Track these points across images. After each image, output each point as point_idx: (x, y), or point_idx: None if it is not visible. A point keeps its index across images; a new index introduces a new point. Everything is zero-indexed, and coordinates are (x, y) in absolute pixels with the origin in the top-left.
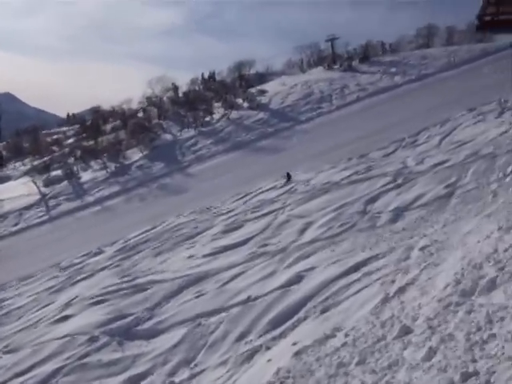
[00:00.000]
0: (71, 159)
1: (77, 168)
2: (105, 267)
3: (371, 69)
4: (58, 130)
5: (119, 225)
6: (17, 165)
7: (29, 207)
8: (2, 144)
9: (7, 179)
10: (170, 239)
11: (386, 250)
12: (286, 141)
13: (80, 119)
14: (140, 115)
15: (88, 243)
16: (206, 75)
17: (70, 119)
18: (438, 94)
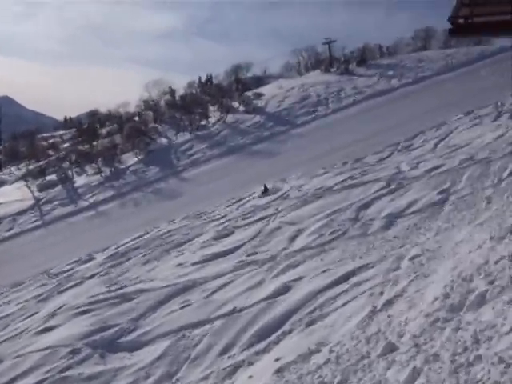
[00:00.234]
0: (66, 163)
1: (71, 172)
2: (94, 275)
3: (368, 72)
4: (55, 133)
5: (112, 230)
6: (12, 169)
7: (22, 212)
8: None
9: (2, 184)
10: (160, 246)
11: (377, 260)
12: (282, 144)
13: (77, 123)
14: (136, 119)
15: (80, 249)
16: (204, 79)
17: (66, 123)
18: (434, 96)
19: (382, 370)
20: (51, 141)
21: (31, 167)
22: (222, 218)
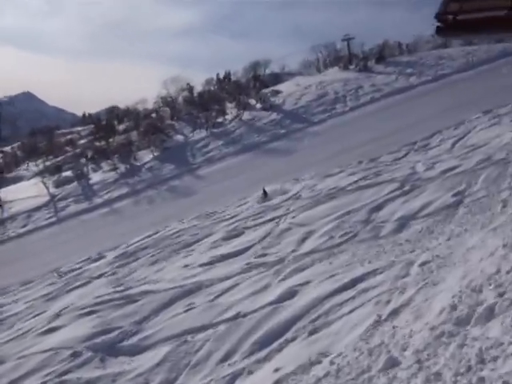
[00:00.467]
0: (83, 160)
1: (87, 169)
2: (102, 274)
3: (387, 69)
4: (74, 129)
5: (125, 228)
6: (30, 165)
7: (37, 209)
8: (17, 144)
9: (19, 180)
10: (169, 246)
11: (386, 265)
12: (298, 142)
13: (95, 119)
14: (153, 116)
15: (91, 247)
16: (222, 75)
17: (85, 119)
18: (454, 95)
19: None
20: (69, 137)
21: (48, 163)
22: (232, 217)
